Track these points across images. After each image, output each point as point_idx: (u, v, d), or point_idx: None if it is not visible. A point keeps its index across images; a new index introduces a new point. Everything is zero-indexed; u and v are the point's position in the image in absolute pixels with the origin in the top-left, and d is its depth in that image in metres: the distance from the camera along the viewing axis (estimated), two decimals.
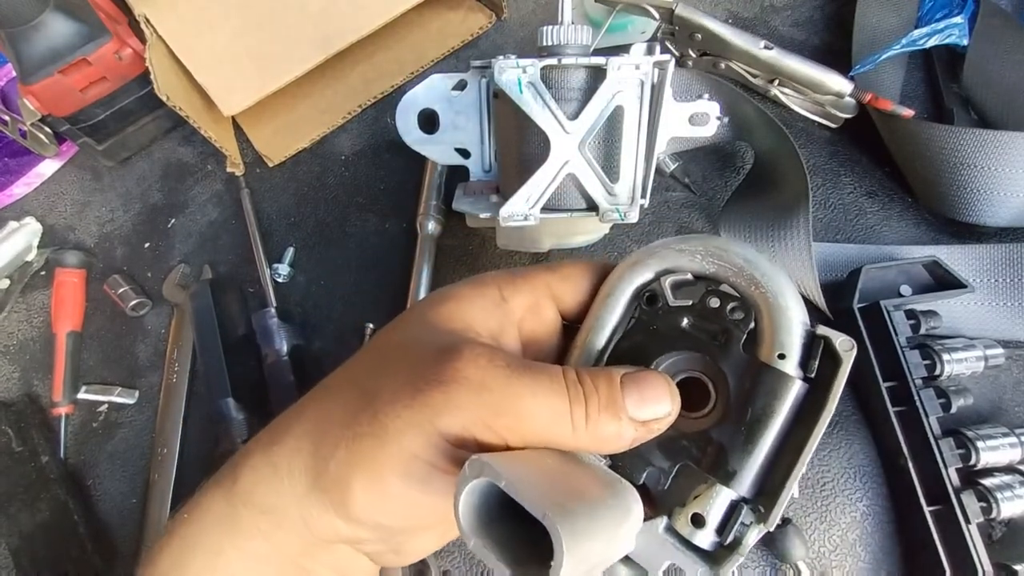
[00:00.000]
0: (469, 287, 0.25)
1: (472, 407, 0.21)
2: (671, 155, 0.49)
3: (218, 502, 0.24)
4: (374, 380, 0.23)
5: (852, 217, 0.47)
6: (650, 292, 0.25)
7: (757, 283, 0.23)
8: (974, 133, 0.41)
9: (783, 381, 0.22)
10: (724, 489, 0.22)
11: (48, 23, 0.46)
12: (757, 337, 0.23)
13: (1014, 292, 0.41)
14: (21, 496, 0.45)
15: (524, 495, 0.17)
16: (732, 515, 0.22)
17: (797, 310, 0.22)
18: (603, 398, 0.22)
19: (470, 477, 0.18)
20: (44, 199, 0.58)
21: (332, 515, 0.22)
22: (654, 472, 0.23)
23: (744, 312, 0.23)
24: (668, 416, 0.22)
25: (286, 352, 0.47)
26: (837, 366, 0.22)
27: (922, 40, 0.46)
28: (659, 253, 0.25)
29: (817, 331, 0.22)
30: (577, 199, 0.39)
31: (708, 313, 0.24)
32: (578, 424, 0.21)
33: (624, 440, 0.22)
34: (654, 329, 0.25)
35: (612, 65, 0.36)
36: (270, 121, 0.56)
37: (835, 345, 0.22)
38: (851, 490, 0.40)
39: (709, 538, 0.22)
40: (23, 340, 0.53)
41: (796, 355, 0.22)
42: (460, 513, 0.19)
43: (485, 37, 0.57)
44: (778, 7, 0.55)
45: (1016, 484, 0.36)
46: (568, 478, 0.21)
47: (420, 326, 0.25)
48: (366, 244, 0.52)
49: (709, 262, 0.24)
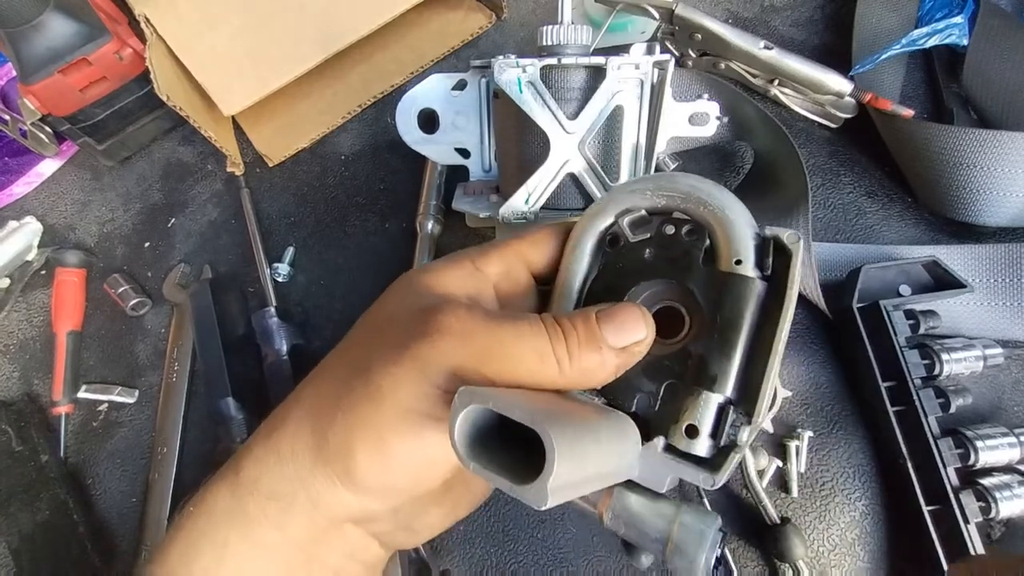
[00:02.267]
0: (444, 260, 0.27)
1: (459, 354, 0.22)
2: (671, 155, 0.49)
3: (223, 495, 0.24)
4: (365, 352, 0.24)
5: (852, 217, 0.47)
6: (612, 234, 0.27)
7: (704, 203, 0.25)
8: (974, 133, 0.41)
9: (744, 283, 0.23)
10: (710, 395, 0.23)
11: (48, 23, 0.46)
12: (714, 251, 0.25)
13: (1013, 292, 0.41)
14: (21, 495, 0.45)
15: (512, 409, 0.18)
16: (722, 418, 0.23)
17: (744, 217, 0.24)
18: (581, 334, 0.23)
19: (461, 406, 0.19)
20: (44, 198, 0.58)
21: (339, 487, 0.22)
22: (644, 397, 0.24)
23: (697, 231, 0.25)
24: (645, 339, 0.24)
25: (286, 352, 0.47)
26: (789, 258, 0.23)
27: (922, 40, 0.46)
28: (615, 197, 0.27)
29: (765, 232, 0.24)
30: (576, 199, 0.39)
31: (666, 240, 0.26)
32: (562, 361, 0.22)
33: (608, 368, 0.23)
34: (621, 267, 0.26)
35: (612, 65, 0.36)
36: (270, 121, 0.56)
37: (783, 240, 0.23)
38: (850, 490, 0.40)
39: (705, 445, 0.23)
40: (23, 339, 0.53)
41: (751, 257, 0.24)
42: (456, 440, 0.19)
43: (485, 37, 0.57)
44: (778, 7, 0.55)
45: (1015, 484, 0.36)
46: (561, 409, 0.21)
47: (402, 296, 0.26)
48: (366, 244, 0.52)
49: (659, 196, 0.26)
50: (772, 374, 0.22)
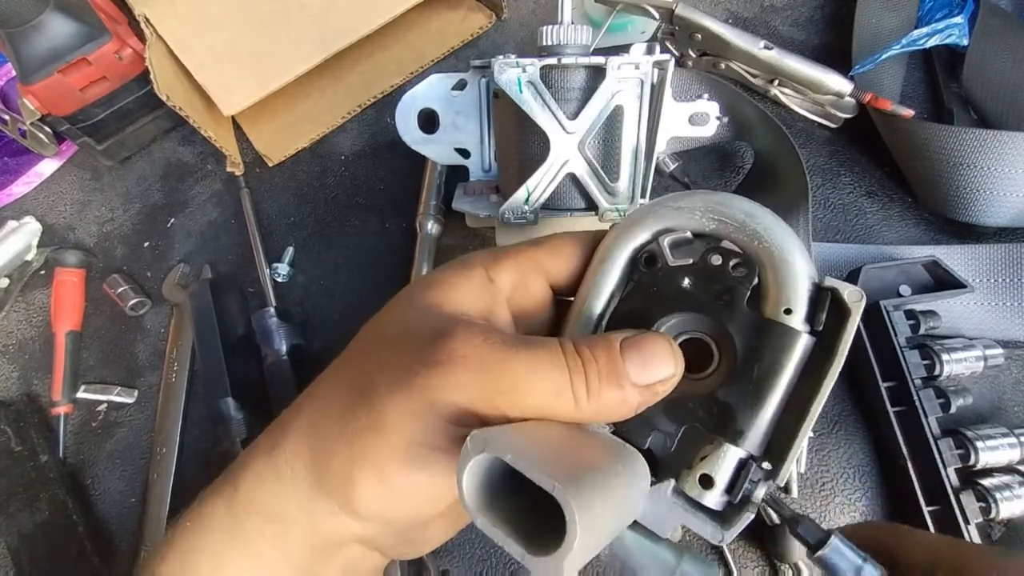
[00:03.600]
0: (455, 270, 0.25)
1: (471, 386, 0.20)
2: (671, 155, 0.49)
3: (220, 511, 0.23)
4: (368, 372, 0.23)
5: (852, 217, 0.47)
6: (648, 253, 0.24)
7: (760, 237, 0.22)
8: (974, 133, 0.41)
9: (790, 336, 0.21)
10: (732, 448, 0.21)
11: (48, 23, 0.46)
12: (762, 293, 0.22)
13: (1013, 292, 0.41)
14: (20, 496, 0.45)
15: (531, 467, 0.17)
16: (741, 474, 0.21)
17: (803, 263, 0.22)
18: (603, 367, 0.21)
19: (473, 453, 0.18)
20: (44, 198, 0.58)
21: (341, 515, 0.22)
22: (659, 436, 0.23)
23: (747, 268, 0.23)
24: (672, 377, 0.22)
25: (286, 352, 0.47)
26: (845, 318, 0.21)
27: (922, 40, 0.46)
28: (656, 212, 0.24)
29: (824, 283, 0.22)
30: (576, 199, 0.39)
31: (710, 271, 0.23)
32: (580, 396, 0.21)
33: (629, 407, 0.21)
34: (654, 291, 0.24)
35: (612, 65, 0.36)
36: (270, 121, 0.56)
37: (843, 296, 0.21)
38: (850, 490, 0.40)
39: (718, 498, 0.21)
40: (22, 339, 0.53)
41: (803, 309, 0.22)
42: (464, 490, 0.18)
43: (485, 37, 0.57)
44: (778, 7, 0.55)
45: (1015, 484, 0.36)
46: (573, 447, 0.20)
47: (410, 312, 0.24)
48: (366, 244, 0.52)
49: (708, 219, 0.23)
50: (804, 436, 0.21)
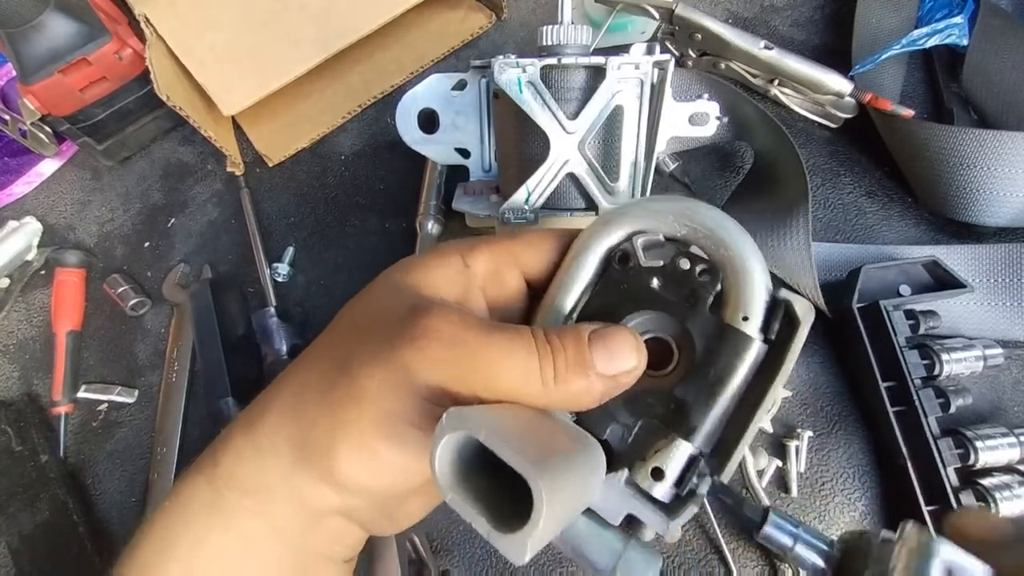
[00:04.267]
0: (432, 256, 0.26)
1: (446, 362, 0.21)
2: (671, 155, 0.49)
3: (201, 488, 0.23)
4: (348, 347, 0.23)
5: (852, 217, 0.47)
6: (622, 252, 0.26)
7: (725, 246, 0.24)
8: (974, 133, 0.41)
9: (745, 342, 0.23)
10: (683, 444, 0.23)
11: (48, 23, 0.46)
12: (723, 299, 0.24)
13: (1013, 292, 0.41)
14: (21, 496, 0.45)
15: (504, 448, 0.18)
16: (690, 469, 0.23)
17: (761, 275, 0.23)
18: (571, 355, 0.22)
19: (448, 429, 0.18)
20: (44, 198, 0.58)
21: (322, 485, 0.22)
22: (617, 428, 0.24)
23: (712, 275, 0.24)
24: (635, 369, 0.23)
25: (286, 352, 0.47)
26: (795, 329, 0.23)
27: (922, 40, 0.46)
28: (632, 213, 0.25)
29: (779, 295, 0.23)
30: (577, 198, 0.39)
31: (678, 275, 0.25)
32: (547, 381, 0.21)
33: (593, 395, 0.22)
34: (624, 288, 0.25)
35: (612, 65, 0.36)
36: (270, 121, 0.56)
37: (795, 309, 0.23)
38: (850, 490, 0.40)
39: (667, 490, 0.23)
40: (23, 339, 0.53)
41: (758, 318, 0.23)
42: (436, 466, 0.18)
43: (485, 37, 0.57)
44: (778, 7, 0.55)
45: (1015, 484, 0.36)
46: (541, 432, 0.21)
47: (389, 293, 0.25)
48: (366, 244, 0.52)
49: (680, 224, 0.25)
50: (748, 438, 0.22)
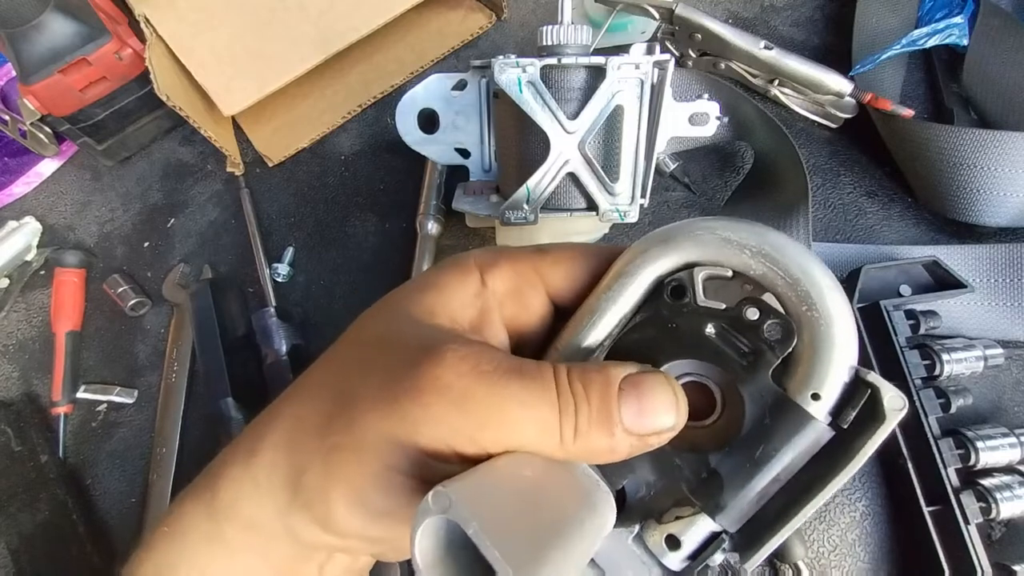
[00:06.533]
0: (448, 274, 0.23)
1: (453, 420, 0.19)
2: (671, 155, 0.49)
3: (200, 518, 0.23)
4: (350, 381, 0.22)
5: (852, 217, 0.47)
6: (677, 282, 0.21)
7: (811, 303, 0.19)
8: (974, 133, 0.41)
9: (809, 425, 0.19)
10: (709, 521, 0.20)
11: (48, 23, 0.46)
12: (792, 364, 0.20)
13: (1014, 292, 0.41)
14: (20, 496, 0.45)
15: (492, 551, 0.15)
16: (709, 546, 0.20)
17: (849, 347, 0.19)
18: (596, 407, 0.19)
19: (433, 512, 0.16)
20: (44, 198, 0.58)
21: (318, 529, 0.21)
22: (636, 483, 0.21)
23: (784, 333, 0.19)
24: (671, 430, 0.20)
25: (286, 352, 0.46)
26: (876, 423, 0.18)
27: (922, 40, 0.46)
28: (697, 237, 0.21)
29: (866, 377, 0.19)
30: (577, 198, 0.39)
31: (742, 325, 0.20)
32: (566, 437, 0.19)
33: (616, 454, 0.20)
34: (672, 327, 0.21)
35: (612, 65, 0.36)
36: (270, 121, 0.56)
37: (883, 399, 0.18)
38: (850, 490, 0.40)
39: (679, 561, 0.20)
40: (22, 339, 0.53)
41: (832, 399, 0.19)
42: (416, 547, 0.16)
43: (485, 37, 0.57)
44: (778, 7, 0.55)
45: (1015, 484, 0.36)
46: (543, 493, 0.19)
47: (400, 319, 0.23)
48: (366, 244, 0.52)
49: (759, 262, 0.20)
50: (788, 531, 0.19)
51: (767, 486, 0.19)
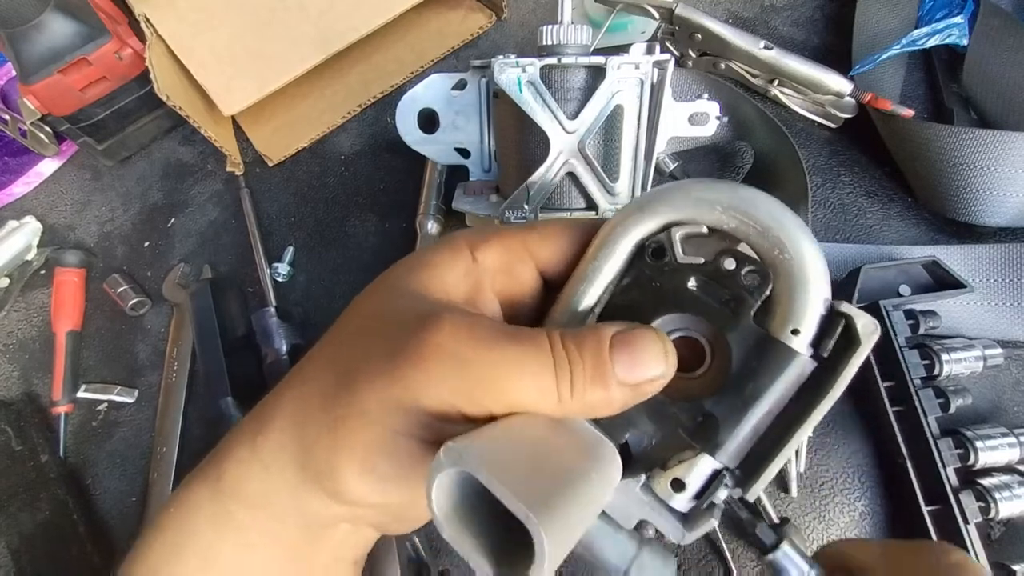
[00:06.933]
0: (440, 252, 0.24)
1: (453, 381, 0.20)
2: (671, 155, 0.49)
3: (206, 499, 0.23)
4: (351, 357, 0.22)
5: (852, 217, 0.47)
6: (657, 243, 0.22)
7: (782, 247, 0.20)
8: (974, 133, 0.41)
9: (792, 358, 0.20)
10: (710, 459, 0.21)
11: (48, 23, 0.46)
12: (771, 307, 0.21)
13: (1013, 292, 0.41)
14: (21, 495, 0.45)
15: (504, 492, 0.16)
16: (712, 483, 0.21)
17: (821, 283, 0.20)
18: (590, 364, 0.20)
19: (445, 465, 0.17)
20: (44, 198, 0.58)
21: (329, 501, 0.22)
22: (638, 434, 0.22)
23: (761, 278, 0.21)
24: (662, 378, 0.21)
25: (286, 352, 0.47)
26: (853, 348, 0.20)
27: (922, 40, 0.46)
28: (672, 200, 0.22)
29: (839, 308, 0.20)
30: (576, 198, 0.39)
31: (720, 275, 0.21)
32: (564, 395, 0.20)
33: (613, 406, 0.21)
34: (655, 286, 0.22)
35: (612, 64, 0.36)
36: (270, 121, 0.56)
37: (856, 325, 0.20)
38: (850, 490, 0.40)
39: (686, 502, 0.21)
40: (23, 339, 0.53)
41: (811, 332, 0.20)
42: (434, 501, 0.17)
43: (485, 37, 0.57)
44: (778, 7, 0.55)
45: (1015, 484, 0.36)
46: (550, 448, 0.20)
47: (396, 295, 0.24)
48: (366, 244, 0.52)
49: (730, 216, 0.21)
50: (782, 459, 0.20)
51: (760, 420, 0.21)
